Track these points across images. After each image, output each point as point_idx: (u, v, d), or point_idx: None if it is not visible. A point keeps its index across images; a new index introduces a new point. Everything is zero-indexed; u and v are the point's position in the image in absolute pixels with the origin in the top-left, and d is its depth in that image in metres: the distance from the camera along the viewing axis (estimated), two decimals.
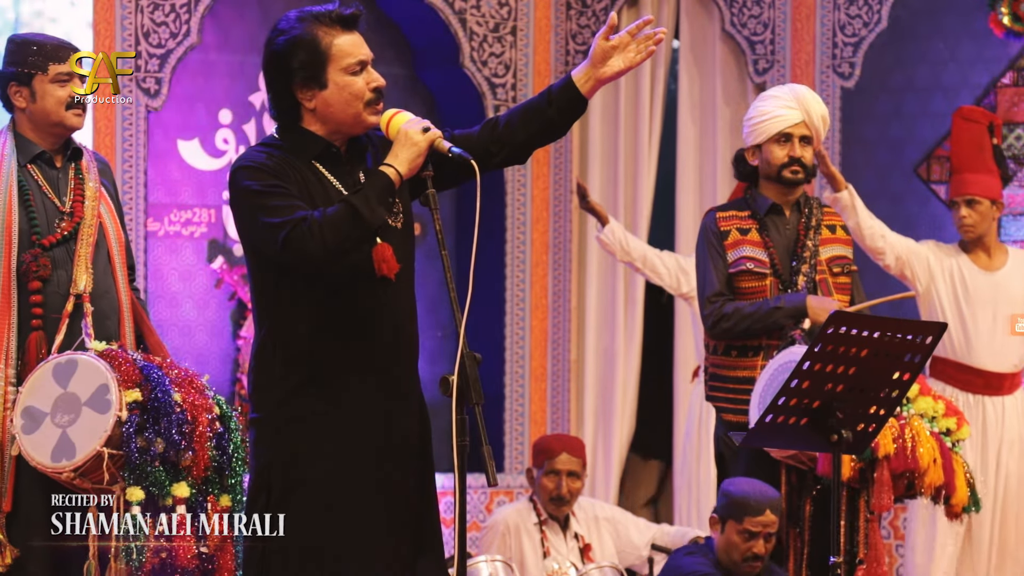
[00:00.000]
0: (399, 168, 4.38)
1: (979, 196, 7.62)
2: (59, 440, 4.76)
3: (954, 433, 5.83)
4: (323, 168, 4.53)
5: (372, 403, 4.49)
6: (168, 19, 8.23)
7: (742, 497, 5.89)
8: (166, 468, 4.75)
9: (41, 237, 5.11)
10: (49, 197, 5.17)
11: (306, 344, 4.47)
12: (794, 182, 6.08)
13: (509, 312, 9.21)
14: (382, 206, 4.37)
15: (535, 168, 9.29)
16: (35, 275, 5.06)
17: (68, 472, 4.74)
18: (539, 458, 7.35)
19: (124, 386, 4.75)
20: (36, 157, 5.20)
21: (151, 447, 4.70)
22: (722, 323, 5.97)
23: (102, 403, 4.74)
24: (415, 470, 4.55)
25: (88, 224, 5.18)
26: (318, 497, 4.43)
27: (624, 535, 7.51)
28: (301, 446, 4.44)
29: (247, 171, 4.45)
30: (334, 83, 4.49)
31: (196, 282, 8.81)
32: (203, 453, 4.79)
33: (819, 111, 6.10)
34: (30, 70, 5.16)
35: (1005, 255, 7.78)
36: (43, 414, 4.80)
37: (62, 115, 5.21)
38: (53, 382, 4.83)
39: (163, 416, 4.74)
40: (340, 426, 4.46)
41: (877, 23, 8.88)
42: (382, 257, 4.44)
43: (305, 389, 4.46)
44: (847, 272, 6.14)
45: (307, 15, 4.51)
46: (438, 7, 9.02)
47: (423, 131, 4.40)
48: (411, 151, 4.39)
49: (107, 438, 4.70)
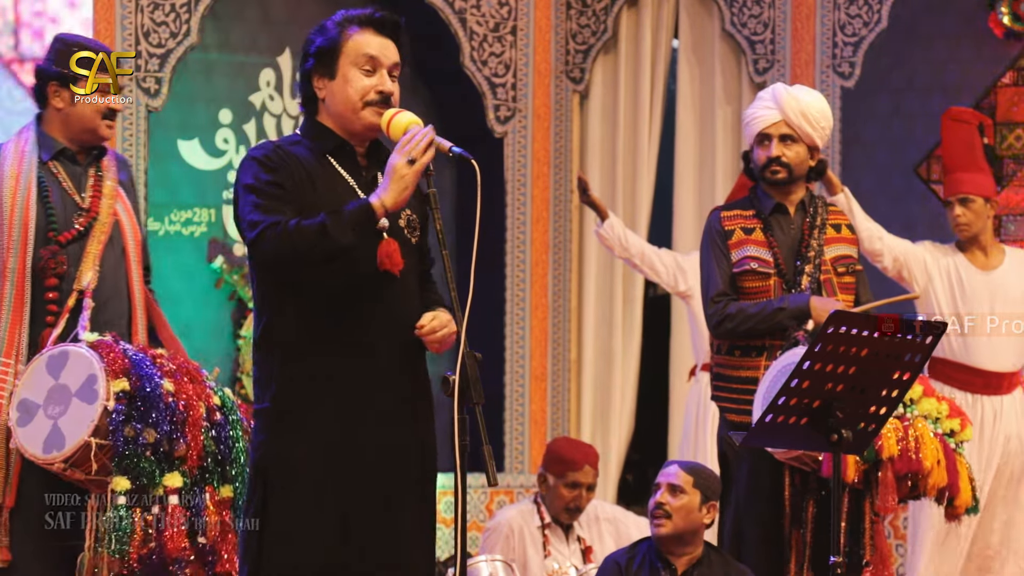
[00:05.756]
0: (385, 201, 4.42)
1: (972, 194, 7.63)
2: (51, 431, 4.78)
3: (958, 434, 5.83)
4: (336, 163, 4.58)
5: (367, 399, 4.50)
6: (168, 19, 8.23)
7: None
8: (158, 458, 4.73)
9: (58, 233, 5.12)
10: (69, 193, 5.18)
11: (304, 337, 4.49)
12: (775, 182, 6.07)
13: (509, 312, 9.21)
14: (354, 231, 4.40)
15: (535, 168, 9.29)
16: (52, 272, 5.07)
17: (59, 463, 4.75)
18: (559, 467, 7.26)
19: (112, 376, 4.75)
20: (59, 153, 5.21)
21: (140, 436, 4.69)
22: (725, 323, 5.97)
23: (90, 393, 4.74)
24: (413, 469, 4.56)
25: (102, 221, 5.18)
26: (311, 489, 4.46)
27: (625, 534, 7.51)
28: (295, 438, 4.47)
29: (250, 164, 4.52)
30: (342, 75, 4.57)
31: (196, 282, 8.81)
32: (196, 442, 4.77)
33: (796, 107, 6.05)
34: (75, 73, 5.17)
35: (1002, 254, 7.78)
36: (36, 406, 4.81)
37: (97, 123, 5.23)
38: (46, 374, 4.84)
39: (151, 406, 4.72)
40: (334, 420, 4.48)
41: (877, 23, 8.88)
42: (386, 252, 4.47)
43: (301, 382, 4.49)
44: (852, 272, 6.13)
45: (348, 13, 4.64)
46: (438, 7, 9.02)
47: (408, 163, 4.41)
48: (398, 185, 4.42)
49: (94, 428, 4.70)
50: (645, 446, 9.87)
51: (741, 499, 6.01)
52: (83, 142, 5.24)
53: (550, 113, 9.37)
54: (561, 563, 7.25)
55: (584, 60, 9.43)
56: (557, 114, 9.40)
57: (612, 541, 7.46)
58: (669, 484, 6.07)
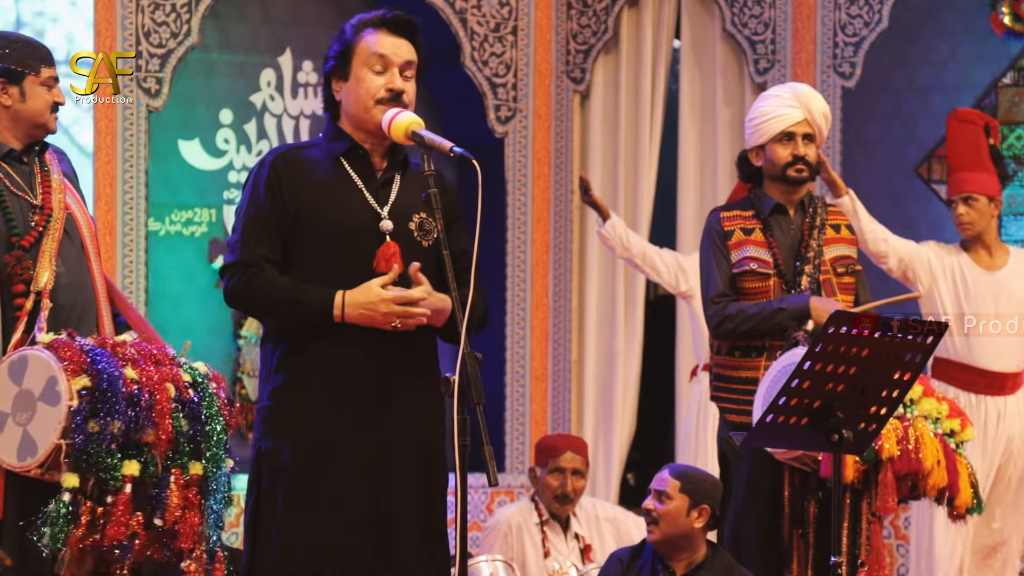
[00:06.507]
0: (345, 313, 4.49)
1: (976, 193, 7.62)
2: (22, 439, 4.74)
3: (958, 434, 5.83)
4: (348, 166, 4.62)
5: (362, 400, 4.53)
6: (168, 19, 8.23)
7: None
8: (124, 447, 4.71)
9: (20, 238, 5.06)
10: (20, 195, 5.11)
11: (302, 338, 4.56)
12: (799, 180, 6.07)
13: (510, 312, 9.21)
14: (301, 324, 4.53)
15: (536, 168, 9.29)
16: (19, 278, 5.01)
17: (35, 469, 4.72)
18: (543, 457, 7.35)
19: (72, 374, 4.72)
20: (6, 155, 5.15)
21: (105, 430, 4.67)
22: (725, 324, 5.96)
23: (53, 395, 4.70)
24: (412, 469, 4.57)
25: (56, 217, 5.12)
26: (300, 487, 4.52)
27: (626, 534, 7.51)
28: (287, 436, 4.54)
29: (256, 172, 4.64)
30: (355, 76, 4.61)
31: (197, 282, 8.81)
32: (165, 427, 4.74)
33: (820, 108, 6.09)
34: (23, 70, 5.13)
35: (1006, 254, 7.78)
36: (4, 415, 4.78)
37: (47, 117, 5.18)
38: (9, 381, 4.79)
39: (113, 397, 4.69)
40: (326, 419, 4.53)
41: (878, 23, 8.88)
42: (384, 255, 4.50)
43: (296, 381, 4.56)
44: (851, 272, 6.12)
45: (364, 16, 4.68)
46: (438, 7, 9.02)
47: (383, 315, 4.48)
48: (366, 313, 4.50)
49: (62, 430, 4.68)
50: (647, 446, 9.87)
51: (741, 499, 6.00)
52: (32, 137, 5.18)
53: (551, 113, 9.38)
54: (562, 563, 7.26)
55: (585, 60, 9.43)
56: (558, 114, 9.40)
57: (612, 540, 7.46)
58: (656, 490, 6.09)
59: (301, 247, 4.60)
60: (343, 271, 4.54)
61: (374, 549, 4.52)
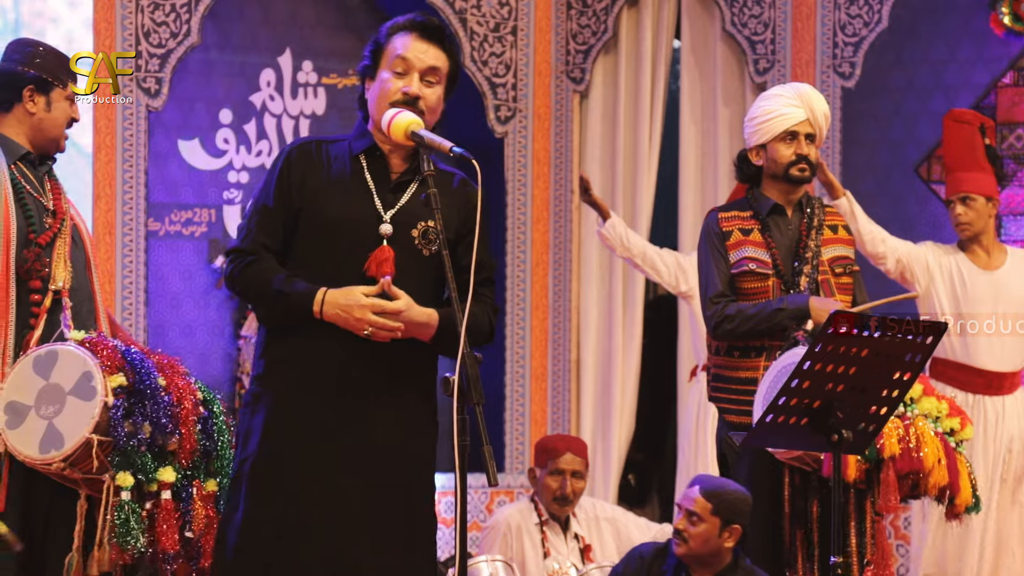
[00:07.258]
0: (324, 311, 4.51)
1: (973, 193, 7.63)
2: (46, 431, 4.74)
3: (958, 433, 5.83)
4: (365, 164, 4.65)
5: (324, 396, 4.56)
6: (168, 19, 8.24)
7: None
8: (152, 453, 4.74)
9: (38, 235, 5.10)
10: (36, 196, 5.15)
11: (284, 329, 4.61)
12: (801, 180, 6.07)
13: (509, 312, 9.21)
14: (284, 317, 4.56)
15: (535, 168, 9.30)
16: (37, 274, 5.05)
17: (58, 463, 4.72)
18: (542, 458, 7.35)
19: (108, 372, 4.74)
20: (22, 157, 5.17)
21: (138, 432, 4.69)
22: (724, 324, 5.96)
23: (87, 390, 4.72)
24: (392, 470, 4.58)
25: (66, 223, 5.18)
26: (262, 474, 4.54)
27: (625, 534, 7.51)
28: (257, 422, 4.58)
29: (276, 163, 4.69)
30: (379, 78, 4.66)
31: (197, 282, 8.81)
32: (190, 436, 4.78)
33: (822, 108, 6.09)
34: (53, 81, 5.17)
35: (1004, 254, 7.78)
36: (27, 408, 4.78)
37: (62, 133, 5.23)
38: (34, 375, 4.80)
39: (149, 400, 4.73)
40: (291, 410, 4.57)
41: (878, 23, 8.88)
42: (377, 259, 4.53)
43: (272, 370, 4.61)
44: (849, 272, 6.12)
45: (397, 19, 4.72)
46: (438, 7, 9.02)
47: (356, 320, 4.49)
48: (341, 314, 4.51)
49: (95, 424, 4.69)
50: (648, 446, 9.87)
51: None
52: (45, 148, 5.21)
53: (550, 113, 9.38)
54: (562, 563, 7.25)
55: (584, 60, 9.43)
56: (557, 114, 9.40)
57: (612, 541, 7.46)
58: (686, 510, 6.02)
59: (301, 240, 4.64)
60: (337, 269, 4.56)
61: (334, 545, 4.52)
